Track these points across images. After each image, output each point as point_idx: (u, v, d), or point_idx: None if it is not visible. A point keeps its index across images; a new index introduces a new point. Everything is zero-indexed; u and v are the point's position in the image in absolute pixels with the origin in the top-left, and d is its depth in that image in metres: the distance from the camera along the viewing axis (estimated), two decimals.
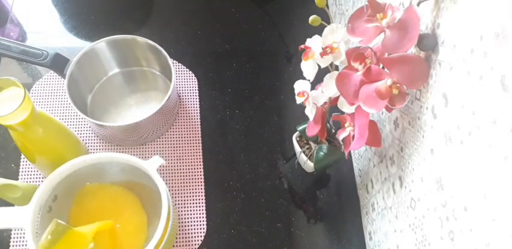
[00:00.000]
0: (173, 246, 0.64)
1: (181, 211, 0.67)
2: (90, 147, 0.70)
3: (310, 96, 0.55)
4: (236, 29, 0.85)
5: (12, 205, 0.58)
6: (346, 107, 0.52)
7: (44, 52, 0.62)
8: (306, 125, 0.63)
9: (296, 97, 0.57)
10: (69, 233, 0.48)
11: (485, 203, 0.36)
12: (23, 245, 0.62)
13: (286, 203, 0.70)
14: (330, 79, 0.52)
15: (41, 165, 0.61)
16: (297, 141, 0.68)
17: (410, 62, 0.42)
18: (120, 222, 0.57)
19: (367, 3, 0.43)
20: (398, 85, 0.42)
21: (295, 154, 0.72)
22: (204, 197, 0.68)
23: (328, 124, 0.63)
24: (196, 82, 0.78)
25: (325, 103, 0.58)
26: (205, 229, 0.66)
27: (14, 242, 0.62)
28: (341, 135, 0.54)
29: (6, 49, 0.61)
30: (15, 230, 0.63)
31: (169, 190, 0.66)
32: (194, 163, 0.71)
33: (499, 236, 0.34)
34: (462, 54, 0.39)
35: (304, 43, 0.54)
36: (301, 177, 0.72)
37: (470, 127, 0.38)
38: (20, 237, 0.62)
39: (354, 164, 0.74)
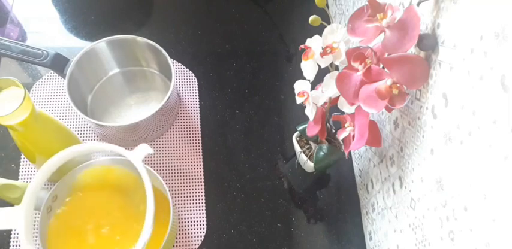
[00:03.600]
0: (173, 246, 0.64)
1: (181, 211, 0.67)
2: None
3: (310, 96, 0.55)
4: (236, 29, 0.85)
5: (12, 205, 0.58)
6: (346, 107, 0.52)
7: (44, 52, 0.62)
8: (306, 125, 0.63)
9: (296, 97, 0.57)
10: None
11: (485, 203, 0.36)
12: None
13: (286, 203, 0.70)
14: (330, 79, 0.52)
15: (41, 165, 0.60)
16: (297, 141, 0.68)
17: (410, 62, 0.42)
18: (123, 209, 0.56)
19: (367, 3, 0.43)
20: (398, 85, 0.42)
21: (295, 154, 0.72)
22: (204, 197, 0.68)
23: (328, 124, 0.63)
24: (196, 82, 0.78)
25: (325, 103, 0.58)
26: (205, 229, 0.66)
27: (14, 242, 0.62)
28: (341, 135, 0.54)
29: (6, 49, 0.61)
30: (15, 230, 0.63)
31: (169, 190, 0.66)
32: (194, 163, 0.71)
33: (499, 236, 0.34)
34: (462, 54, 0.39)
35: (304, 43, 0.54)
36: (301, 177, 0.72)
37: (470, 127, 0.38)
38: None
39: (354, 164, 0.74)
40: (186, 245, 0.64)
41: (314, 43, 0.53)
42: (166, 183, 0.68)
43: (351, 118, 0.52)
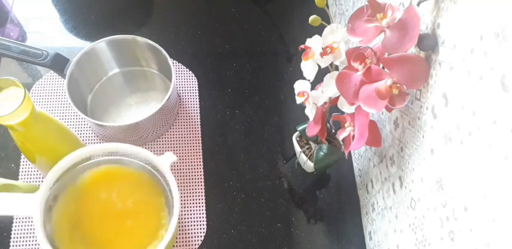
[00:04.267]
0: (173, 246, 0.64)
1: (182, 211, 0.67)
2: None
3: (310, 96, 0.55)
4: (236, 29, 0.85)
5: None
6: (346, 107, 0.52)
7: (44, 52, 0.62)
8: (306, 125, 0.63)
9: (296, 97, 0.57)
10: None
11: (485, 203, 0.36)
12: (23, 245, 0.62)
13: (286, 203, 0.70)
14: (330, 79, 0.52)
15: (41, 165, 0.61)
16: (297, 141, 0.68)
17: (410, 62, 0.42)
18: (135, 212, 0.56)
19: (367, 3, 0.43)
20: (398, 85, 0.42)
21: (295, 154, 0.72)
22: (204, 197, 0.68)
23: (328, 124, 0.63)
24: (196, 82, 0.78)
25: (325, 103, 0.58)
26: (205, 229, 0.66)
27: (14, 241, 0.62)
28: (341, 135, 0.54)
29: (6, 49, 0.61)
30: (15, 230, 0.63)
31: None
32: (194, 163, 0.71)
33: (499, 236, 0.34)
34: (462, 54, 0.39)
35: (304, 43, 0.54)
36: (301, 177, 0.72)
37: (470, 127, 0.38)
38: (20, 237, 0.62)
39: (354, 164, 0.74)
40: (186, 245, 0.64)
41: (314, 43, 0.53)
42: None
43: (351, 118, 0.53)
